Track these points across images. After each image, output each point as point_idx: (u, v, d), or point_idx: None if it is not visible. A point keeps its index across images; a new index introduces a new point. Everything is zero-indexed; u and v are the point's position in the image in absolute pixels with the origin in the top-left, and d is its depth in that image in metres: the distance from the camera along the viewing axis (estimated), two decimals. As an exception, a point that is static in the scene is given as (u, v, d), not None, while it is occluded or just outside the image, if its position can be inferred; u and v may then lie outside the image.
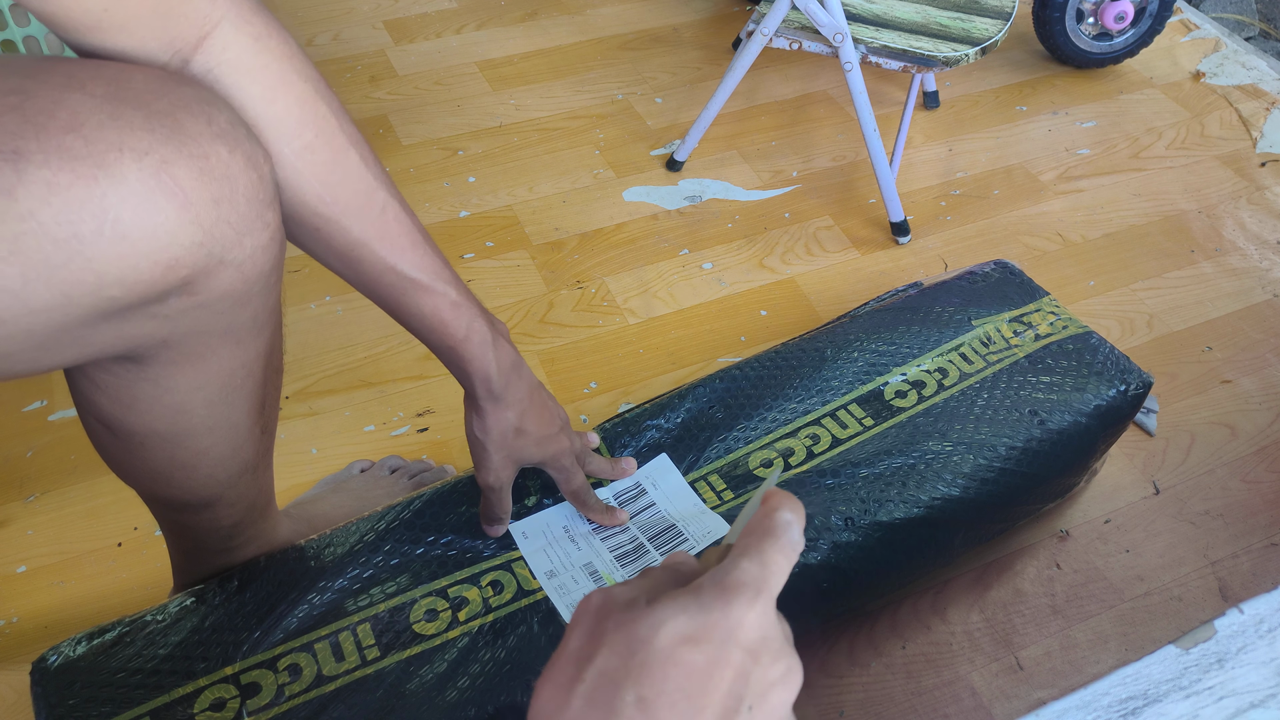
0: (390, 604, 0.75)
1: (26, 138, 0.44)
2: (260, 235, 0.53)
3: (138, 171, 0.46)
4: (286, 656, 0.71)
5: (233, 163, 0.50)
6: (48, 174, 0.44)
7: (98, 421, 0.62)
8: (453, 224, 1.32)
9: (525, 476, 0.84)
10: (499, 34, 1.67)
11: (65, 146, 0.44)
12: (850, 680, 0.88)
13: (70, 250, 0.45)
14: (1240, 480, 1.06)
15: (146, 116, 0.47)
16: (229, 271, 0.52)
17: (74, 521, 0.97)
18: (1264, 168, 1.46)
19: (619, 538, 0.80)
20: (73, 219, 0.44)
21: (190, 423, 0.61)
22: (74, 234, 0.45)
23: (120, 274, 0.47)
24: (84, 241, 0.45)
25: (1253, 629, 0.62)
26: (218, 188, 0.49)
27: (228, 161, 0.49)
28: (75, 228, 0.45)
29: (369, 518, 0.81)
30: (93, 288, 0.46)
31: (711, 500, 0.83)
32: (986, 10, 1.32)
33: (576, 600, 0.75)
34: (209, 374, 0.58)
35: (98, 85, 0.46)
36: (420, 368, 1.13)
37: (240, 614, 0.74)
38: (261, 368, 0.63)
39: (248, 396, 0.63)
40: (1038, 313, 0.99)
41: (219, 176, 0.49)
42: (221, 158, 0.49)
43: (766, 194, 1.39)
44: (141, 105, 0.47)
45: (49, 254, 0.44)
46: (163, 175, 0.46)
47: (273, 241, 0.54)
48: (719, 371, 0.94)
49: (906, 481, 0.84)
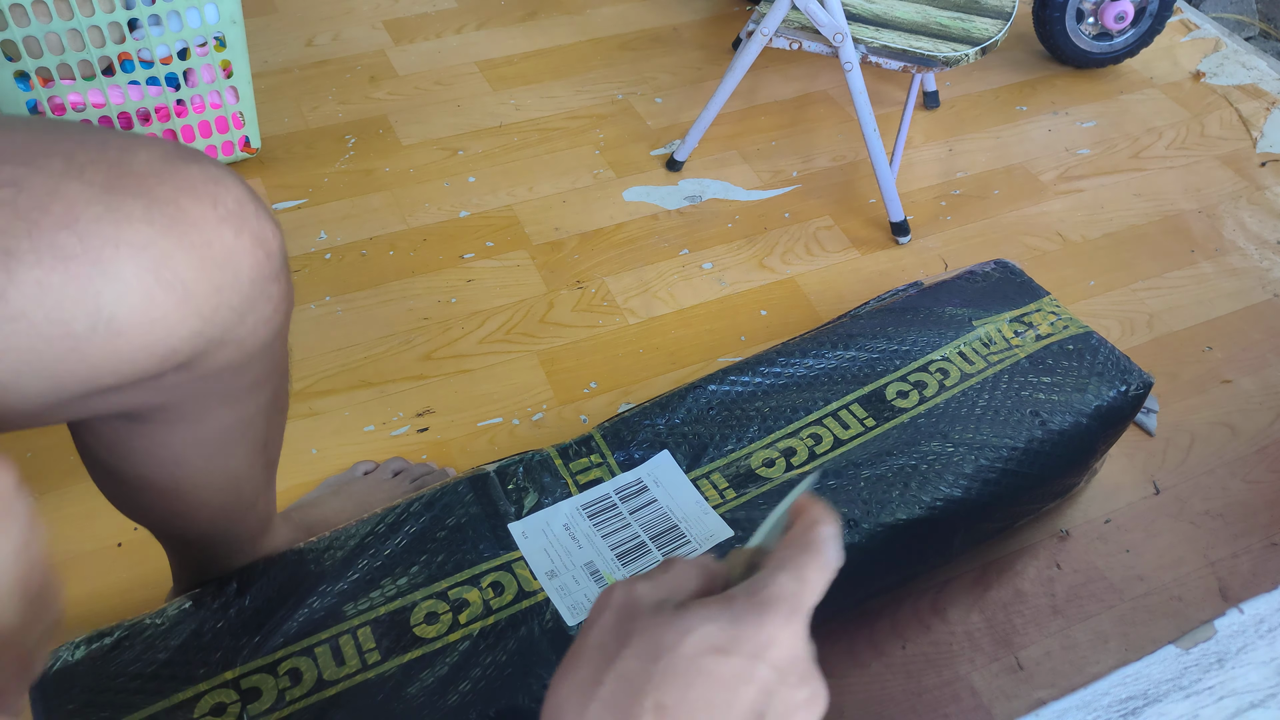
0: (390, 607, 0.75)
1: (18, 236, 0.42)
2: (263, 309, 0.51)
3: (134, 268, 0.44)
4: (287, 661, 0.71)
5: (238, 246, 0.48)
6: (39, 274, 0.42)
7: (97, 463, 0.62)
8: (453, 224, 1.32)
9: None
10: (499, 34, 1.67)
11: (59, 244, 0.42)
12: (850, 680, 0.88)
13: (63, 347, 0.44)
14: (1240, 480, 1.06)
15: (147, 206, 0.45)
16: (229, 349, 0.51)
17: (74, 522, 0.97)
18: (1264, 167, 1.46)
19: (620, 535, 0.80)
20: (65, 318, 0.43)
21: (187, 474, 0.61)
22: (67, 332, 0.43)
23: (115, 366, 0.46)
24: (77, 339, 0.44)
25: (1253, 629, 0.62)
26: (220, 275, 0.47)
27: (233, 246, 0.48)
28: (68, 326, 0.43)
29: (368, 520, 0.81)
30: (86, 378, 0.45)
31: (714, 499, 0.83)
32: (986, 10, 1.32)
33: (578, 601, 0.75)
34: (206, 431, 0.58)
35: (97, 171, 0.44)
36: (420, 368, 1.13)
37: (240, 618, 0.74)
38: (263, 421, 0.62)
39: (248, 446, 0.63)
40: (1038, 313, 0.99)
41: (222, 264, 0.47)
42: (226, 243, 0.47)
43: (766, 194, 1.39)
44: (142, 193, 0.45)
45: (41, 351, 0.43)
46: (162, 270, 0.45)
47: (276, 312, 0.52)
48: (718, 371, 0.94)
49: (908, 482, 0.84)
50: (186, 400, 0.54)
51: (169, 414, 0.54)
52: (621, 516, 0.81)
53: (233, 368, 0.52)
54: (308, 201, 1.33)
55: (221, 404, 0.56)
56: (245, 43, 1.26)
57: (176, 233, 0.45)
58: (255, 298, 0.50)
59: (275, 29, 1.63)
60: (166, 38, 1.20)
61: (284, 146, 1.41)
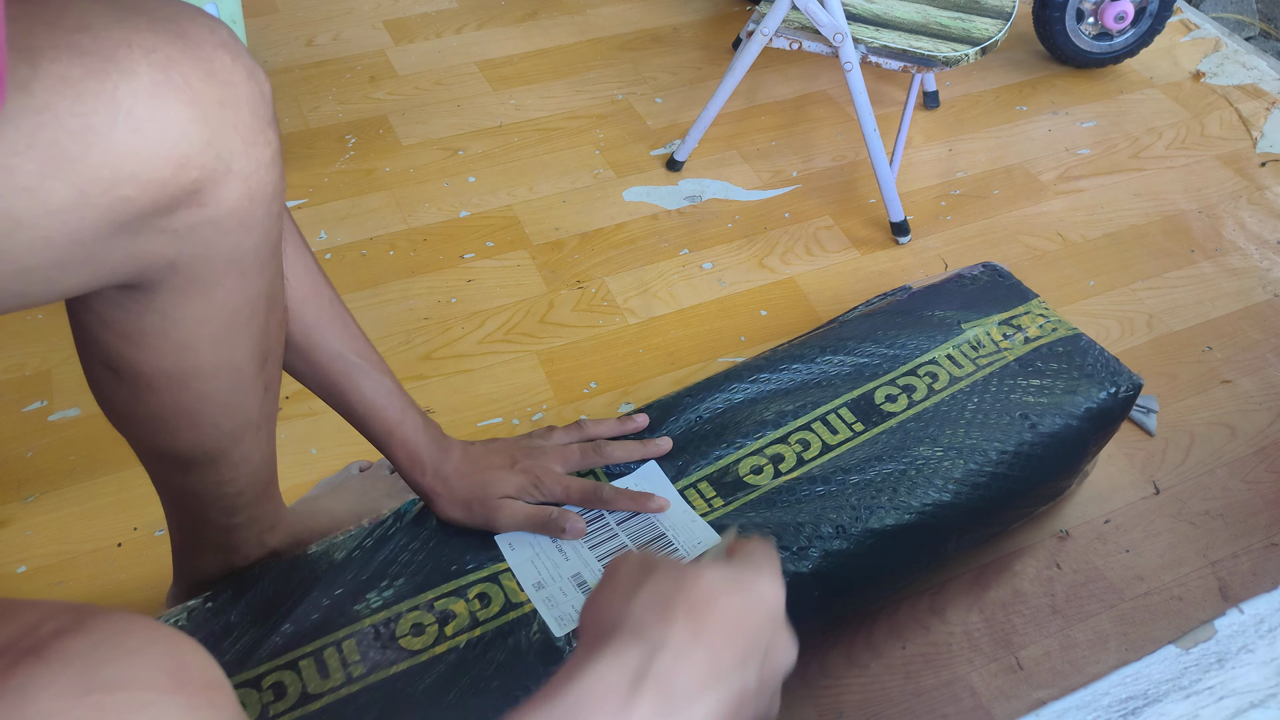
0: (376, 619, 0.74)
1: (39, 35, 0.45)
2: (264, 151, 0.54)
3: (147, 66, 0.47)
4: (271, 675, 0.70)
5: (236, 70, 0.51)
6: (60, 68, 0.45)
7: (104, 367, 0.62)
8: (453, 224, 1.32)
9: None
10: (499, 34, 1.67)
11: (76, 43, 0.45)
12: (849, 681, 0.88)
13: (86, 142, 0.46)
14: (1240, 480, 1.06)
15: (151, 20, 0.48)
16: (236, 184, 0.53)
17: (74, 521, 0.97)
18: (1264, 167, 1.46)
19: (608, 545, 0.79)
20: (87, 110, 0.45)
21: (196, 361, 0.61)
22: (88, 125, 0.45)
23: (134, 169, 0.48)
24: (98, 133, 0.46)
25: (1253, 629, 0.62)
26: (223, 91, 0.50)
27: (231, 68, 0.51)
28: (89, 119, 0.45)
29: (355, 533, 0.80)
30: (108, 184, 0.47)
31: (701, 508, 0.82)
32: (986, 10, 1.32)
33: (565, 612, 0.75)
34: (215, 307, 0.59)
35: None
36: (420, 368, 1.13)
37: (224, 632, 0.73)
38: (265, 310, 0.62)
39: (252, 339, 0.63)
40: (1026, 315, 0.99)
41: (223, 81, 0.50)
42: (225, 64, 0.51)
43: (766, 194, 1.39)
44: (145, 11, 0.48)
45: (65, 146, 0.45)
46: (171, 72, 0.48)
47: (275, 162, 0.55)
48: (706, 380, 0.93)
49: (897, 487, 0.84)
50: (197, 260, 0.55)
51: (180, 278, 0.55)
52: (609, 527, 0.80)
53: (239, 215, 0.54)
54: (308, 201, 1.33)
55: (229, 272, 0.57)
56: (245, 42, 1.26)
57: (180, 44, 0.49)
58: (255, 131, 0.53)
59: (275, 29, 1.63)
60: (166, 38, 1.20)
61: (284, 146, 1.40)
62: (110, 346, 0.60)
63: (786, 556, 0.79)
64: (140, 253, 0.52)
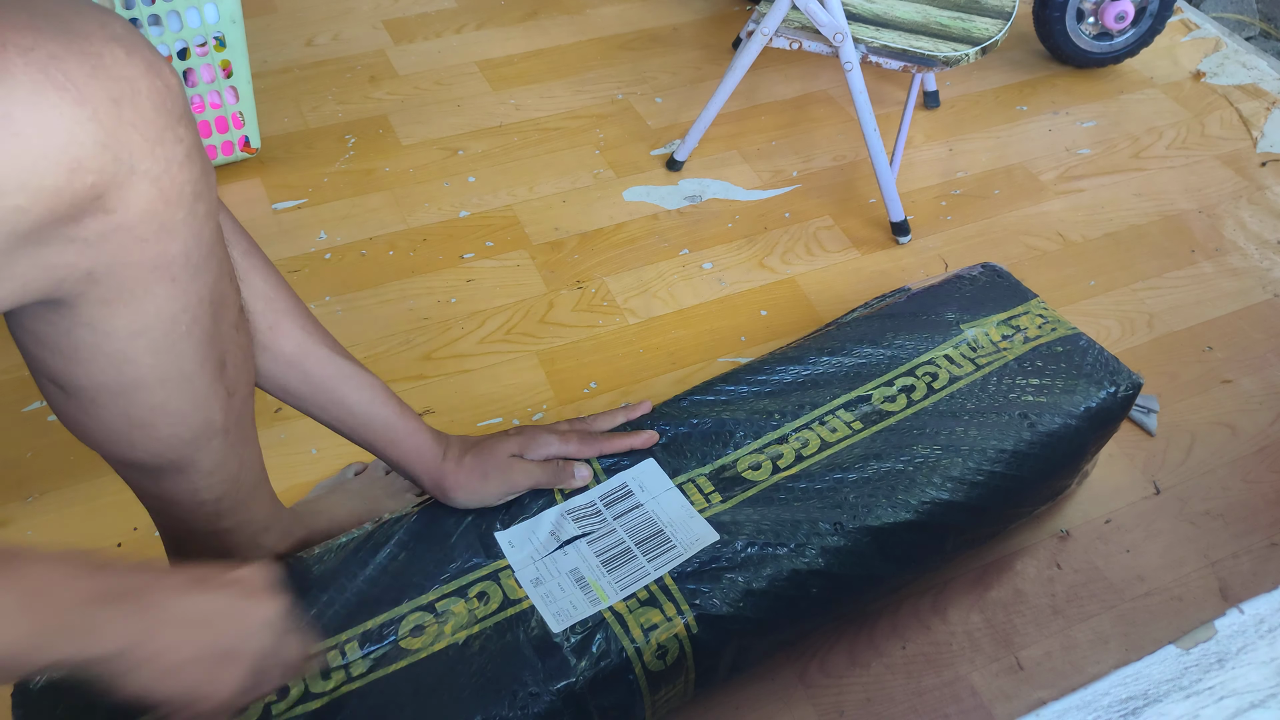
0: (378, 620, 0.74)
1: None
2: (173, 148, 0.51)
3: (24, 66, 0.44)
4: None
5: (131, 65, 0.48)
6: None
7: (49, 381, 0.60)
8: (453, 224, 1.32)
9: None
10: (499, 34, 1.67)
11: None
12: (850, 680, 0.88)
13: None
14: (1241, 480, 1.06)
15: (31, 16, 0.45)
16: (144, 186, 0.50)
17: (74, 521, 0.97)
18: (1264, 167, 1.46)
19: (606, 540, 0.80)
20: None
21: (137, 373, 0.58)
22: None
23: (21, 177, 0.45)
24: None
25: (1253, 629, 0.62)
26: (115, 87, 0.47)
27: (125, 62, 0.48)
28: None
29: (355, 535, 0.81)
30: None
31: (700, 504, 0.83)
32: (987, 10, 1.32)
33: (563, 608, 0.75)
34: (147, 317, 0.56)
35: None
36: (420, 368, 1.13)
37: None
38: (209, 316, 0.60)
39: (197, 346, 0.60)
40: (1026, 315, 0.99)
41: (116, 76, 0.47)
42: (118, 58, 0.47)
43: (766, 194, 1.39)
44: (25, 7, 0.45)
45: None
46: (51, 70, 0.45)
47: (189, 159, 0.52)
48: (705, 382, 0.93)
49: (895, 486, 0.84)
50: (116, 267, 0.52)
51: (101, 289, 0.53)
52: (606, 522, 0.81)
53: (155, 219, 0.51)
54: (307, 201, 1.33)
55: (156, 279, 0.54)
56: (245, 43, 1.26)
57: (63, 40, 0.45)
58: (160, 128, 0.50)
59: (275, 29, 1.63)
60: (166, 38, 1.20)
61: (284, 146, 1.41)
62: (47, 362, 0.58)
63: (785, 553, 0.79)
64: (51, 264, 0.49)
